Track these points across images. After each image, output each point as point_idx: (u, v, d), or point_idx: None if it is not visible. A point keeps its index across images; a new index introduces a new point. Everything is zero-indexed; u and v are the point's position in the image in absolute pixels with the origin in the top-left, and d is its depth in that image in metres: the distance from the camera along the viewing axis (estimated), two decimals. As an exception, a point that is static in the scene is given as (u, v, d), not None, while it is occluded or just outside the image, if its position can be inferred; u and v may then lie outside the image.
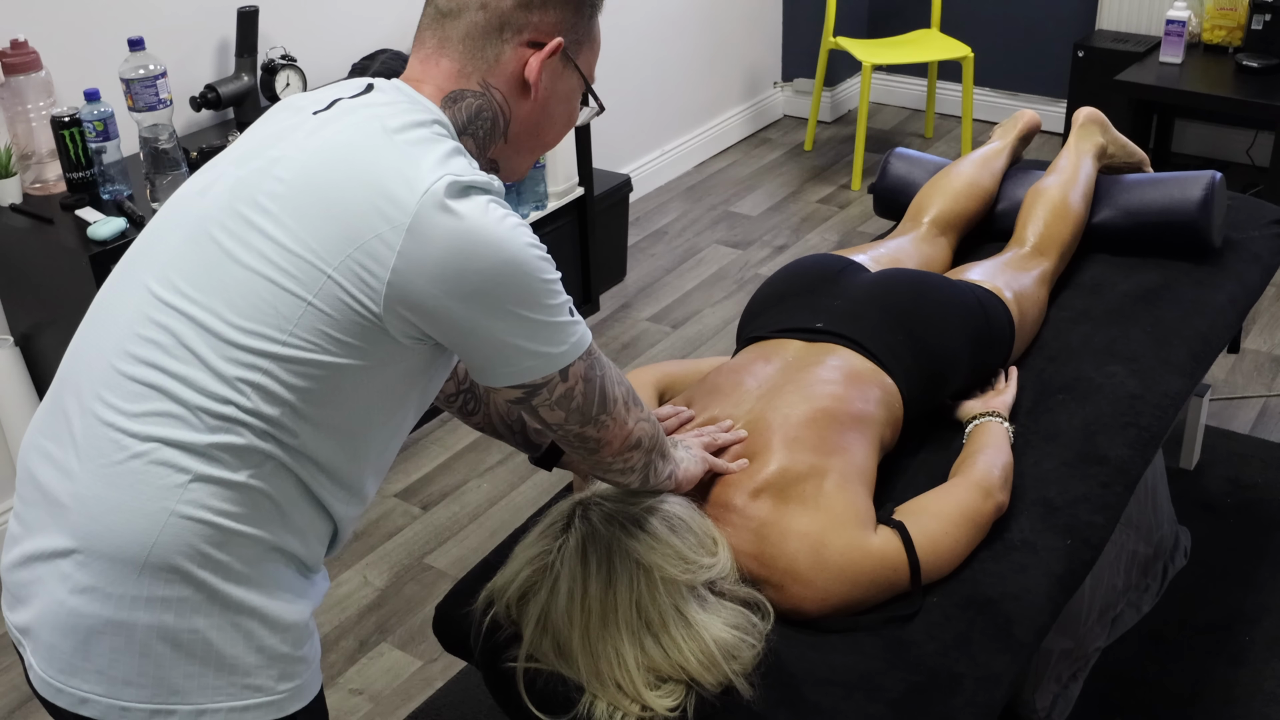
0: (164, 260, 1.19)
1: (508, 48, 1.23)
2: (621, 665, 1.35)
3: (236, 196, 1.18)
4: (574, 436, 1.29)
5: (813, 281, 2.00)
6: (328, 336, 1.13)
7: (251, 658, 1.17)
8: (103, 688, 1.15)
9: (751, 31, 4.70)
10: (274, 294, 1.13)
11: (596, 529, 1.40)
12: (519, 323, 1.16)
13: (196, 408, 1.13)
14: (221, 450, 1.14)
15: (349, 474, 1.22)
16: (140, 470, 1.14)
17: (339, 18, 3.10)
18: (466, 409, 1.59)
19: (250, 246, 1.15)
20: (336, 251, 1.12)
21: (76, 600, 1.15)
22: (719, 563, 1.45)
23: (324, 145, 1.17)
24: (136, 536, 1.13)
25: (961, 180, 2.39)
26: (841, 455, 1.61)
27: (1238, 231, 2.40)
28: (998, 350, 1.99)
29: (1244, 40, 3.85)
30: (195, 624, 1.14)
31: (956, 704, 1.43)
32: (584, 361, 1.22)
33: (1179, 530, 2.40)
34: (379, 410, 1.21)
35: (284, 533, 1.19)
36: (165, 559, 1.13)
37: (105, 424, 1.16)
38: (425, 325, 1.15)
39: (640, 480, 1.42)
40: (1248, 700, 2.14)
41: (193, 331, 1.14)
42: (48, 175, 2.51)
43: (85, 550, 1.15)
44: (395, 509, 2.81)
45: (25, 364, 2.57)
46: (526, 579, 1.42)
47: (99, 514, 1.15)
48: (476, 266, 1.12)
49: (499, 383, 1.20)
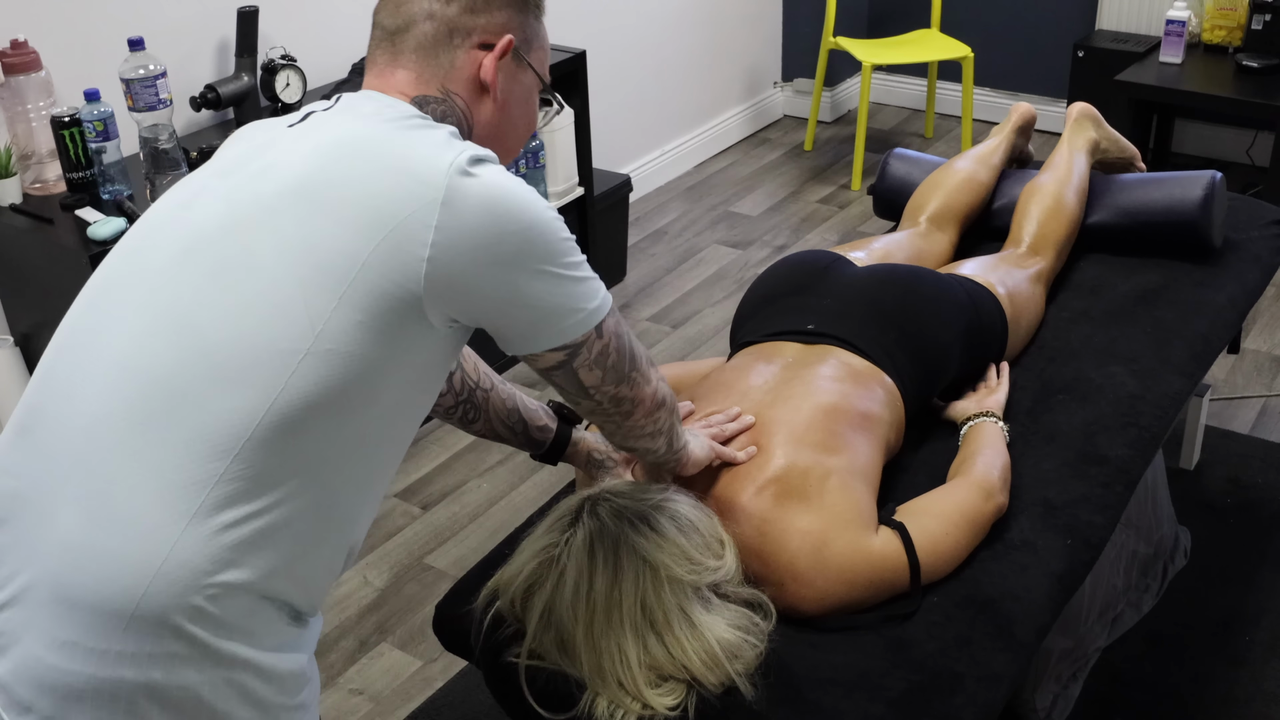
0: (157, 281, 1.14)
1: (460, 53, 1.25)
2: (624, 662, 1.35)
3: (233, 203, 1.15)
4: (609, 400, 1.30)
5: (801, 280, 2.00)
6: (361, 327, 1.10)
7: (246, 712, 1.12)
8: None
9: (751, 31, 4.70)
10: (298, 296, 1.09)
11: (605, 524, 1.40)
12: (555, 281, 1.17)
13: (201, 442, 1.08)
14: (229, 486, 1.08)
15: (365, 490, 1.19)
16: (133, 514, 1.08)
17: (339, 18, 3.10)
18: (467, 418, 1.59)
19: (260, 254, 1.11)
20: (368, 239, 1.10)
21: (55, 656, 1.08)
22: (725, 565, 1.44)
23: (324, 144, 1.16)
24: (124, 588, 1.07)
25: (957, 175, 2.39)
26: (845, 454, 1.61)
27: (1238, 232, 2.40)
28: (991, 342, 1.99)
29: (1244, 40, 3.85)
30: (186, 680, 1.08)
31: (957, 703, 1.43)
32: (614, 317, 1.25)
33: (1179, 530, 2.40)
34: (398, 410, 1.19)
35: (283, 577, 1.13)
36: (154, 612, 1.07)
37: (92, 468, 1.10)
38: (465, 300, 1.15)
39: (666, 444, 1.43)
40: (1248, 700, 2.14)
41: (196, 361, 1.10)
42: (48, 175, 2.51)
43: (66, 601, 1.08)
44: (395, 509, 2.81)
45: (25, 364, 2.57)
46: (532, 572, 1.42)
47: (83, 562, 1.08)
48: (511, 229, 1.13)
49: (542, 346, 1.20)
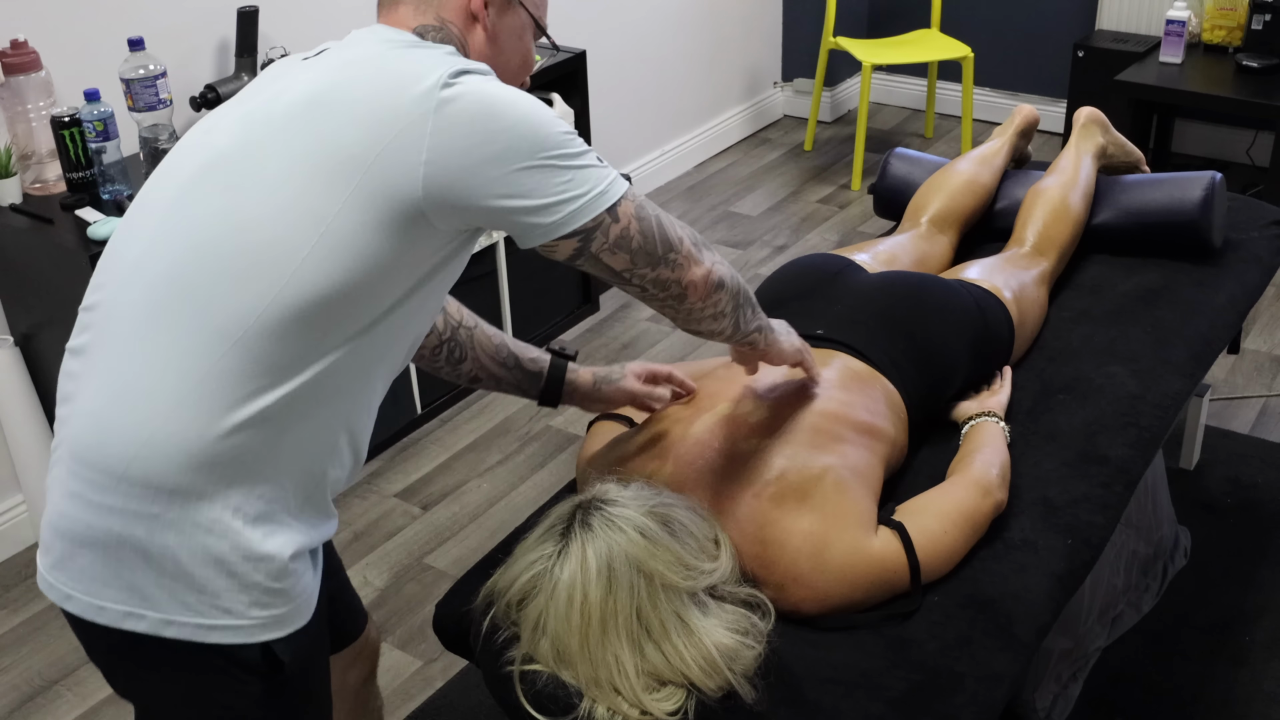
0: (175, 195, 1.26)
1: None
2: (621, 671, 1.34)
3: (248, 125, 1.25)
4: (652, 284, 1.33)
5: (812, 284, 2.00)
6: (366, 228, 1.18)
7: (221, 581, 1.21)
8: (83, 586, 1.23)
9: (751, 31, 4.70)
10: (303, 198, 1.18)
11: (597, 533, 1.38)
12: (550, 171, 1.22)
13: (204, 330, 1.19)
14: (227, 372, 1.18)
15: (367, 386, 1.27)
16: (137, 389, 1.20)
17: (339, 17, 3.10)
18: (454, 358, 1.62)
19: (269, 165, 1.20)
20: (371, 146, 1.18)
21: (66, 504, 1.24)
22: (720, 567, 1.44)
23: (331, 68, 1.26)
24: (117, 450, 1.20)
25: (960, 178, 2.39)
26: (845, 456, 1.61)
27: (1238, 232, 2.40)
28: (997, 352, 1.99)
29: (1244, 40, 3.85)
30: (165, 540, 1.20)
31: (957, 703, 1.43)
32: (630, 201, 1.28)
33: (1179, 530, 2.40)
34: (404, 311, 1.26)
35: (275, 461, 1.22)
36: (141, 475, 1.19)
37: (113, 351, 1.22)
38: (466, 203, 1.21)
39: (731, 326, 1.45)
40: (1248, 700, 2.14)
41: (204, 261, 1.20)
42: (48, 175, 2.51)
43: (78, 458, 1.23)
44: (395, 509, 2.81)
45: (25, 364, 2.57)
46: (526, 583, 1.41)
47: (92, 425, 1.22)
48: (497, 128, 1.19)
49: (552, 235, 1.24)
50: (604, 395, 1.74)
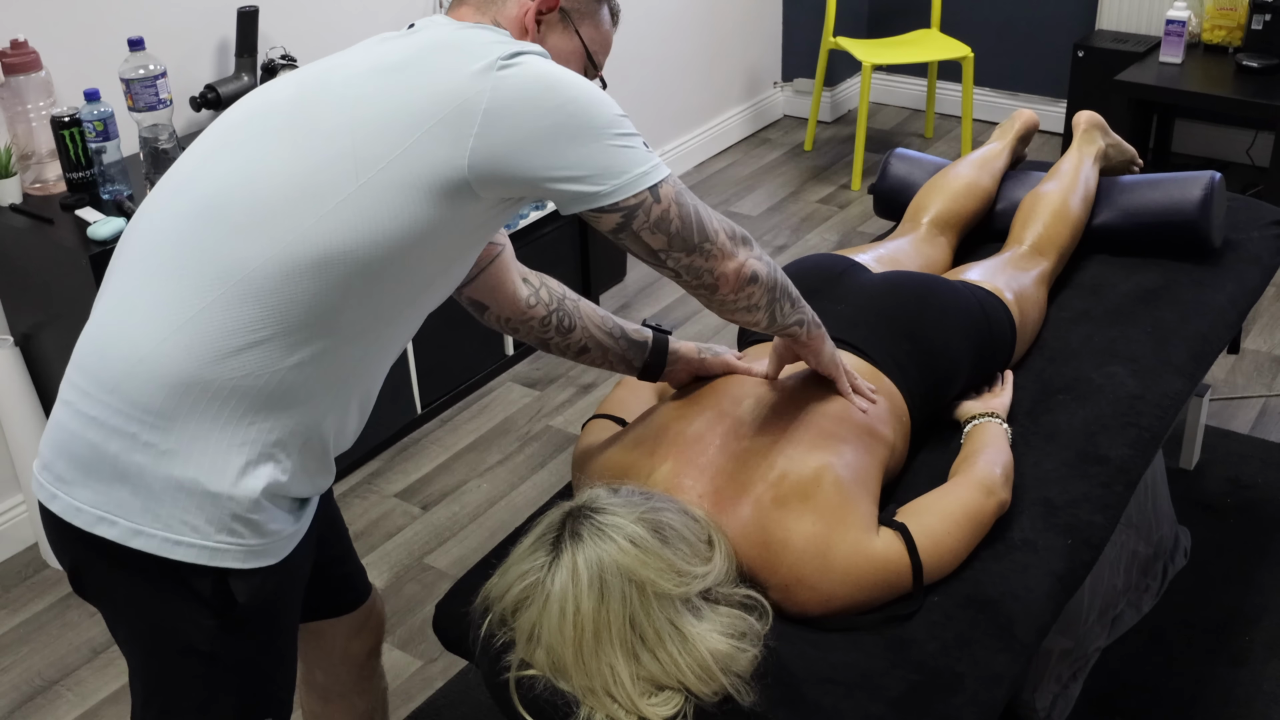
0: (222, 137, 1.30)
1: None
2: (616, 680, 1.33)
3: (303, 86, 1.30)
4: (686, 270, 1.38)
5: (815, 285, 2.00)
6: (406, 188, 1.22)
7: (190, 501, 1.25)
8: (64, 487, 1.29)
9: (751, 31, 4.70)
10: (349, 145, 1.23)
11: (586, 544, 1.37)
12: (599, 147, 1.26)
13: (213, 264, 1.23)
14: (228, 310, 1.22)
15: (373, 347, 1.31)
16: (136, 312, 1.25)
17: (339, 17, 3.10)
18: (563, 326, 1.65)
19: (324, 117, 1.25)
20: (428, 115, 1.22)
21: (59, 410, 1.31)
22: (714, 569, 1.42)
23: (396, 48, 1.30)
24: (108, 370, 1.25)
25: (960, 181, 2.39)
26: (844, 458, 1.61)
27: (1237, 232, 2.40)
28: (999, 354, 1.99)
29: (1244, 40, 3.85)
30: (137, 460, 1.25)
31: (957, 703, 1.43)
32: (674, 186, 1.33)
33: (1179, 530, 2.40)
34: (426, 276, 1.29)
35: (264, 409, 1.25)
36: (126, 395, 1.24)
37: (130, 273, 1.28)
38: (510, 173, 1.24)
39: (767, 318, 1.51)
40: (1248, 700, 2.14)
41: (237, 194, 1.24)
42: (48, 175, 2.51)
43: (78, 367, 1.29)
44: (395, 509, 2.81)
45: (25, 364, 2.57)
46: (518, 594, 1.40)
47: (93, 343, 1.28)
48: (555, 101, 1.24)
49: (595, 204, 1.28)
50: (708, 365, 1.77)
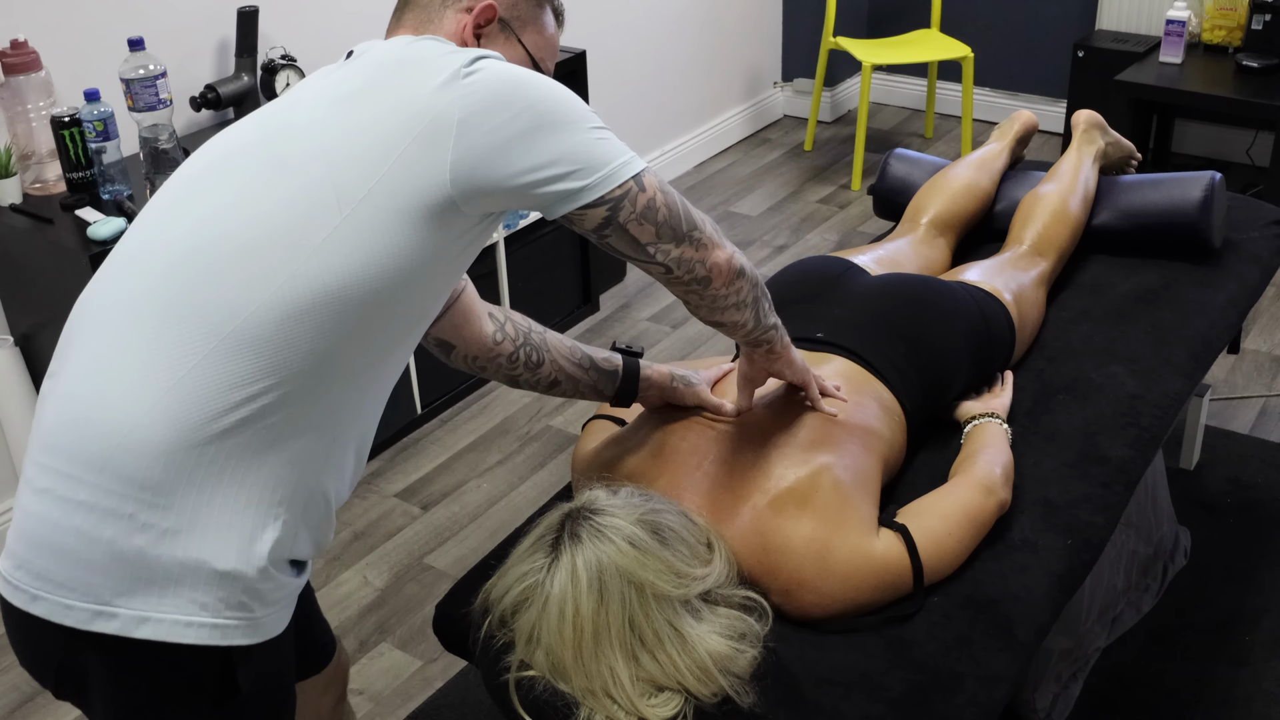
0: (185, 187, 1.26)
1: (449, 12, 1.36)
2: (616, 681, 1.33)
3: (264, 128, 1.25)
4: (676, 263, 1.33)
5: (813, 288, 2.00)
6: (391, 213, 1.19)
7: (192, 578, 1.18)
8: (49, 586, 1.19)
9: (751, 31, 4.70)
10: (327, 181, 1.19)
11: (585, 545, 1.37)
12: (575, 142, 1.23)
13: (199, 318, 1.17)
14: (220, 364, 1.16)
15: (368, 386, 1.26)
16: (119, 376, 1.18)
17: (339, 17, 3.10)
18: (531, 361, 1.61)
19: (293, 157, 1.21)
20: (402, 137, 1.19)
21: (34, 502, 1.20)
22: (713, 572, 1.42)
23: (353, 72, 1.26)
24: (96, 444, 1.17)
25: (960, 181, 2.39)
26: (842, 460, 1.61)
27: (1237, 232, 2.40)
28: (998, 355, 1.99)
29: (1244, 40, 3.85)
30: (135, 543, 1.17)
31: (957, 703, 1.43)
32: (653, 175, 1.30)
33: (1179, 530, 2.40)
34: (417, 302, 1.26)
35: (266, 465, 1.19)
36: (123, 468, 1.16)
37: (101, 334, 1.20)
38: (495, 186, 1.22)
39: (753, 318, 1.46)
40: (1248, 700, 2.14)
41: (213, 246, 1.19)
42: (48, 175, 2.51)
43: (50, 447, 1.20)
44: (395, 509, 2.81)
45: (25, 364, 2.57)
46: (517, 596, 1.40)
47: (70, 412, 1.19)
48: (525, 101, 1.21)
49: (581, 201, 1.25)
50: (680, 395, 1.72)
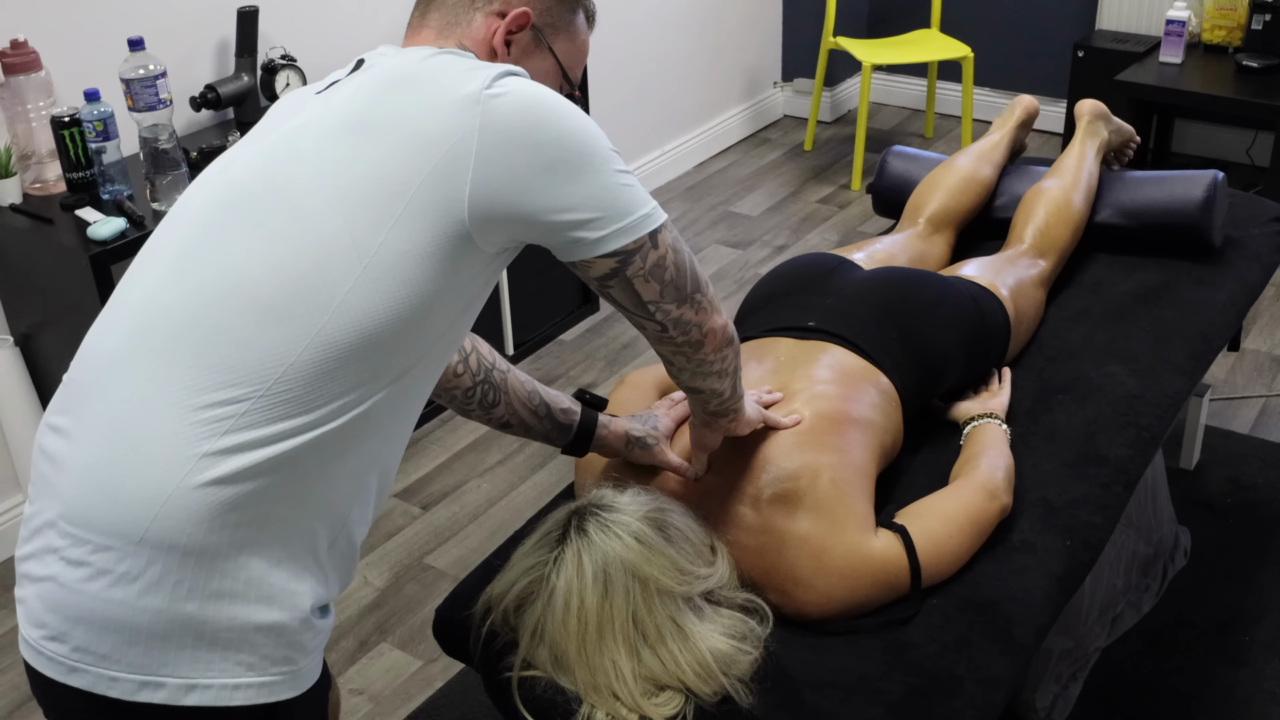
0: (191, 232, 1.20)
1: (479, 15, 1.31)
2: (618, 677, 1.34)
3: (269, 160, 1.20)
4: (674, 324, 1.29)
5: (805, 280, 2.00)
6: (408, 257, 1.14)
7: (239, 639, 1.16)
8: (92, 659, 1.15)
9: (751, 31, 4.70)
10: (344, 230, 1.14)
11: (592, 540, 1.38)
12: (599, 186, 1.19)
13: (229, 371, 1.13)
14: (254, 415, 1.13)
15: (396, 421, 1.23)
16: (149, 439, 1.13)
17: (339, 17, 3.10)
18: (487, 400, 1.57)
19: (303, 198, 1.15)
20: (417, 170, 1.14)
21: (66, 572, 1.15)
22: (716, 573, 1.43)
23: (360, 92, 1.20)
24: (134, 512, 1.12)
25: (958, 175, 2.38)
26: (839, 456, 1.61)
27: (1238, 230, 2.39)
28: (993, 347, 1.99)
29: (1244, 40, 3.85)
30: (188, 610, 1.13)
31: (956, 706, 1.43)
32: (670, 231, 1.25)
33: (1179, 530, 2.40)
34: (443, 338, 1.22)
35: (305, 509, 1.17)
36: (163, 535, 1.12)
37: (112, 397, 1.15)
38: (512, 221, 1.17)
39: (731, 387, 1.44)
40: (1248, 700, 2.13)
41: (229, 298, 1.14)
42: (48, 175, 2.51)
43: (81, 522, 1.15)
44: (395, 509, 2.81)
45: (25, 364, 2.57)
46: (522, 590, 1.41)
47: (99, 483, 1.14)
48: (548, 136, 1.16)
49: (594, 251, 1.21)
50: (636, 458, 1.66)
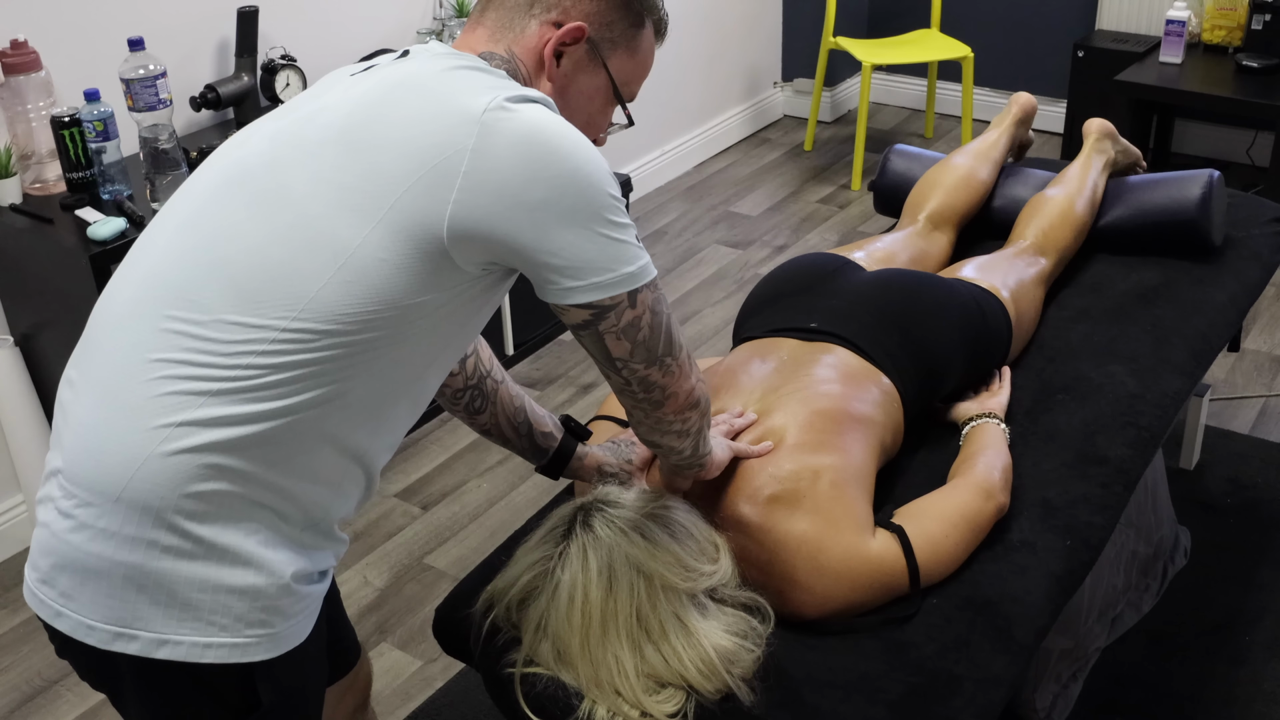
0: (196, 206, 1.21)
1: (534, 22, 1.27)
2: (621, 672, 1.34)
3: (277, 143, 1.19)
4: (638, 382, 1.27)
5: (808, 281, 2.00)
6: (385, 265, 1.13)
7: (219, 600, 1.17)
8: (73, 604, 1.19)
9: (751, 31, 4.70)
10: (326, 228, 1.13)
11: (598, 535, 1.39)
12: (587, 235, 1.15)
13: (208, 348, 1.14)
14: (231, 393, 1.14)
15: (378, 416, 1.22)
16: (134, 404, 1.15)
17: (339, 17, 3.10)
18: (473, 406, 1.57)
19: (295, 188, 1.15)
20: (402, 182, 1.12)
21: (58, 522, 1.19)
22: (720, 570, 1.44)
23: (374, 88, 1.19)
24: (115, 471, 1.15)
25: (957, 173, 2.38)
26: (839, 457, 1.61)
27: (1238, 230, 2.40)
28: (995, 350, 1.99)
29: (1244, 40, 3.85)
30: (162, 567, 1.16)
31: (956, 705, 1.43)
32: (652, 292, 1.21)
33: (1179, 530, 2.40)
34: (422, 349, 1.21)
35: (281, 490, 1.18)
36: (140, 498, 1.14)
37: (111, 360, 1.18)
38: (490, 245, 1.14)
39: (692, 448, 1.41)
40: (1248, 700, 2.14)
41: (214, 277, 1.15)
42: (48, 175, 2.51)
43: (72, 476, 1.18)
44: (395, 509, 2.81)
45: (25, 364, 2.57)
46: (527, 583, 1.42)
47: (88, 441, 1.17)
48: (543, 174, 1.12)
49: (567, 300, 1.18)
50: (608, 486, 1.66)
